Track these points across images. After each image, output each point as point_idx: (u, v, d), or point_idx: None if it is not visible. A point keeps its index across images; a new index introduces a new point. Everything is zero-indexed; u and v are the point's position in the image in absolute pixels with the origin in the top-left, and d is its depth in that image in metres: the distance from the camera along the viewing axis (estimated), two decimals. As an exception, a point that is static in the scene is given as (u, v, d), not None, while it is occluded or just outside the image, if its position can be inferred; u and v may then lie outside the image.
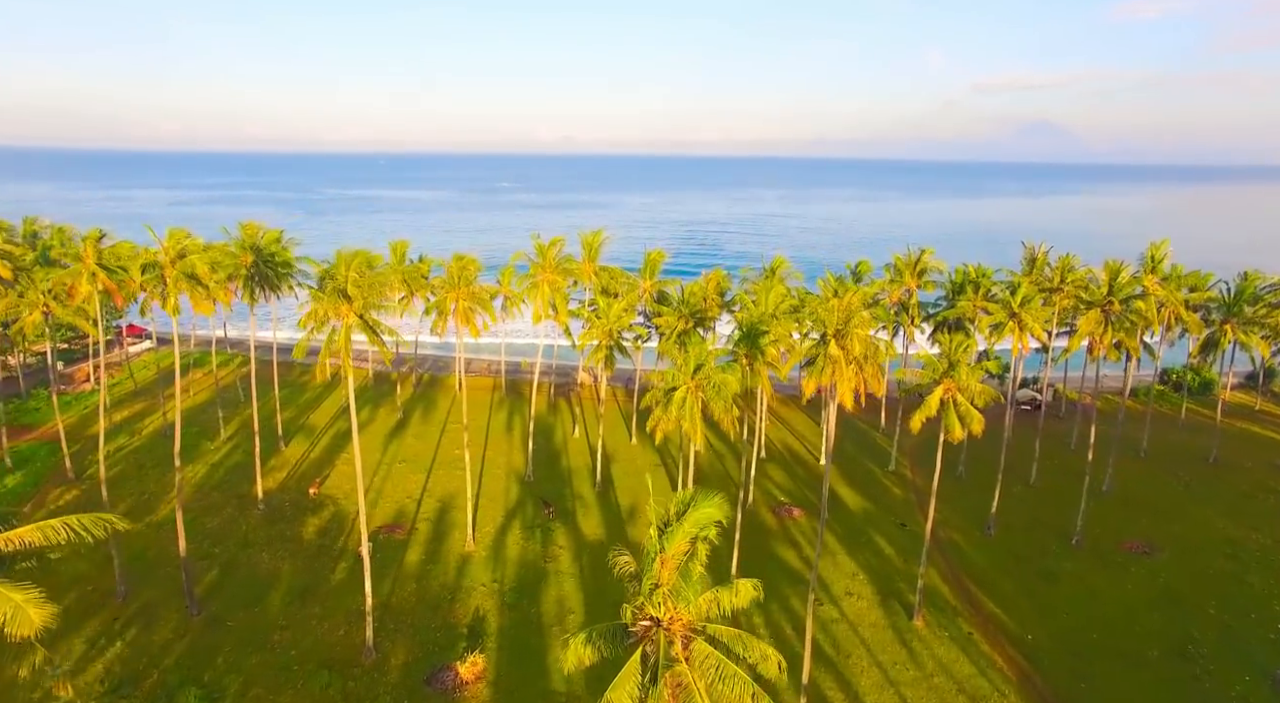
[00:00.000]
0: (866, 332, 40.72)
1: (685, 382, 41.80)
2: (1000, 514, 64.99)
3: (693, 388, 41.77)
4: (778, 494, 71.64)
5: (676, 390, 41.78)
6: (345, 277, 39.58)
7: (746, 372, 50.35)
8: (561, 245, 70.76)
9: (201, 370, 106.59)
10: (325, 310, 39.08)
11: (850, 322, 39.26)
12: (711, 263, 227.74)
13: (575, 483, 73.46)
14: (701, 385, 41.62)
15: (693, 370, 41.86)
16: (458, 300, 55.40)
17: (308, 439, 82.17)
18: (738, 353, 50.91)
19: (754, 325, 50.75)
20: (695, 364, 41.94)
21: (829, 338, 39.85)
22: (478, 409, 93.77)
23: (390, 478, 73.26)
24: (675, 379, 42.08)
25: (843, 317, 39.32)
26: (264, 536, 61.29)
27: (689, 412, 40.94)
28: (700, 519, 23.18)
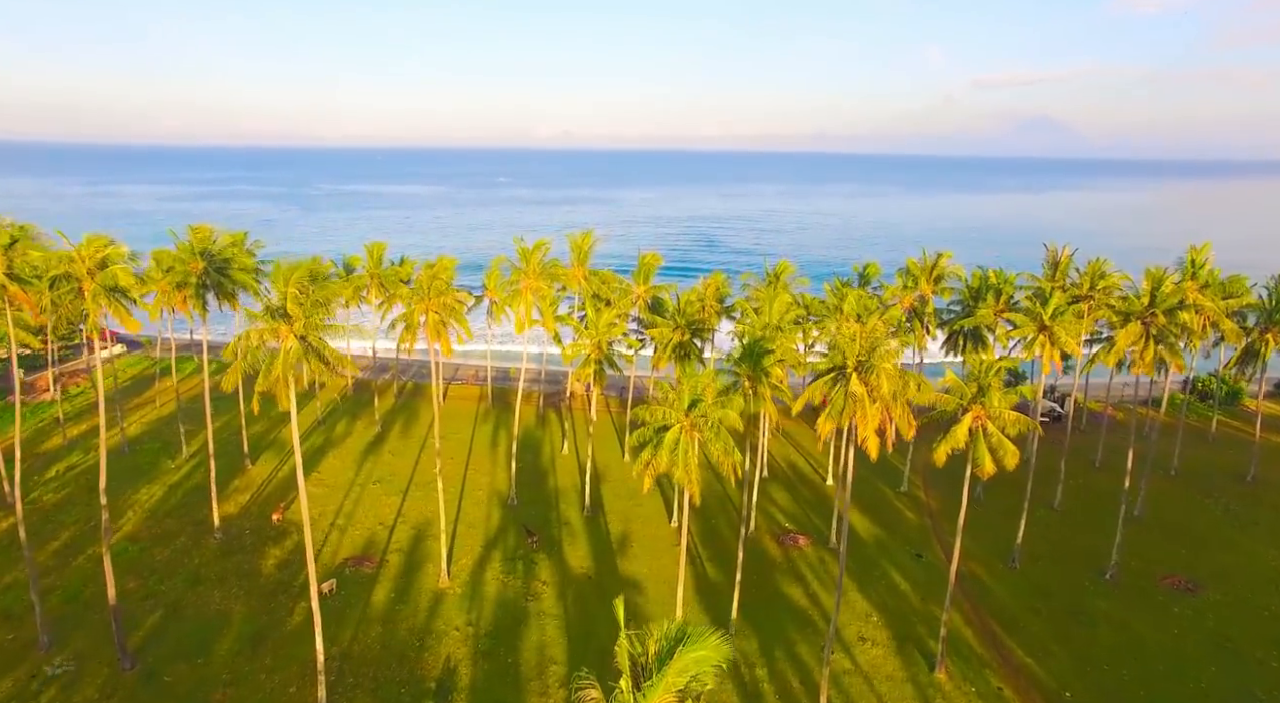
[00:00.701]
0: (894, 364, 34.95)
1: (679, 419, 36.10)
2: (1024, 543, 59.49)
3: (688, 427, 36.07)
4: (781, 519, 66.11)
5: (669, 430, 36.09)
6: (284, 293, 33.90)
7: (749, 395, 44.76)
8: (546, 249, 65.09)
9: (176, 376, 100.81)
10: (260, 335, 33.42)
11: (875, 352, 33.63)
12: (711, 261, 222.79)
13: (562, 506, 67.90)
14: (698, 424, 35.97)
15: (687, 405, 36.15)
16: (427, 312, 49.75)
17: (277, 456, 76.56)
18: (739, 373, 45.29)
19: (757, 343, 45.13)
20: (690, 398, 36.25)
21: (849, 371, 34.22)
22: (461, 421, 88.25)
23: (362, 501, 67.68)
24: (667, 416, 36.38)
25: (866, 346, 33.71)
26: (218, 570, 55.70)
27: (683, 457, 35.27)
28: (690, 666, 17.54)
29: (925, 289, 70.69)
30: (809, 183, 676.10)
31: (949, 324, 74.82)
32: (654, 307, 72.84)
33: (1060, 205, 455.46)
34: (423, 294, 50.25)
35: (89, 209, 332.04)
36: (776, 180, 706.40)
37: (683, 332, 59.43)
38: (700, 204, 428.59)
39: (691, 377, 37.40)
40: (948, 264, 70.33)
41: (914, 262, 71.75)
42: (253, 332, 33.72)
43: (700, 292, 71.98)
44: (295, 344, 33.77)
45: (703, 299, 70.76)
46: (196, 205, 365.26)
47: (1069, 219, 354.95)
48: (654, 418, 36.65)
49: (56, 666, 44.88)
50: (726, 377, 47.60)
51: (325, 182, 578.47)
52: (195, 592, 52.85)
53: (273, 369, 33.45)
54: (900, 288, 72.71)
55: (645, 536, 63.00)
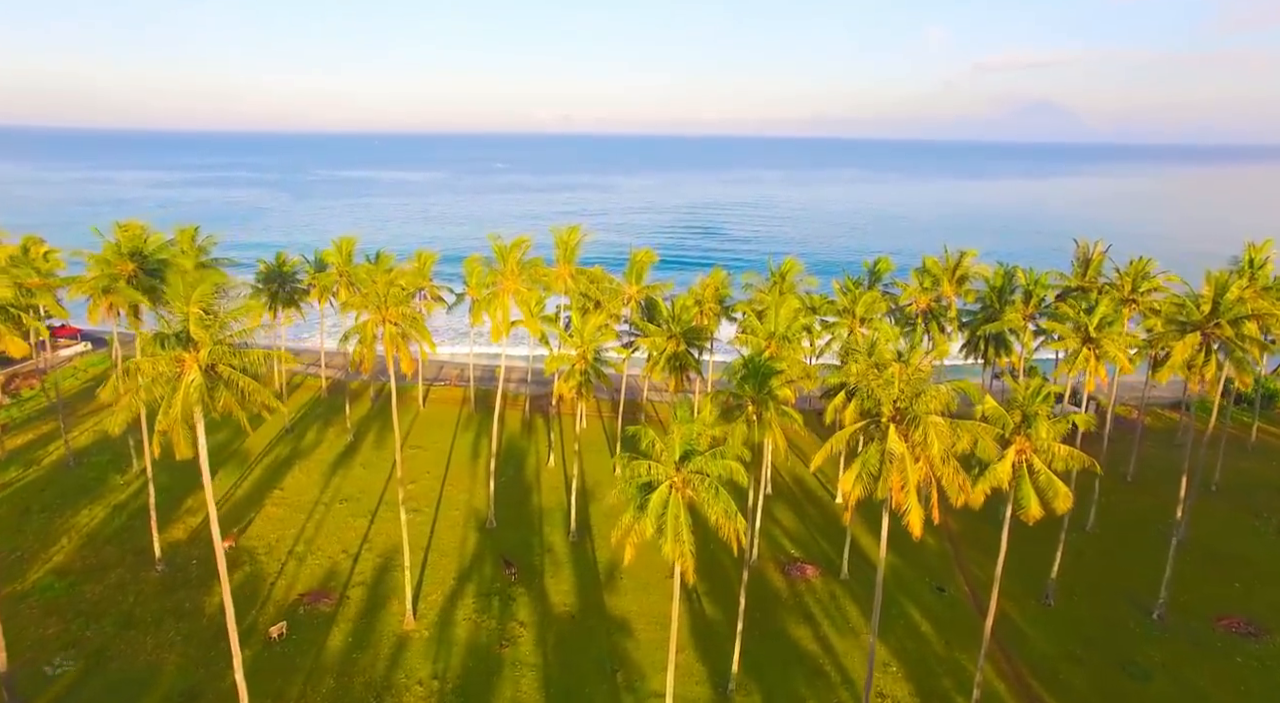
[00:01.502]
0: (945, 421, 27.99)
1: (668, 475, 29.71)
2: (1058, 574, 53.30)
3: (679, 485, 29.71)
4: (787, 545, 59.97)
5: (656, 489, 29.65)
6: (186, 313, 27.51)
7: (754, 422, 38.46)
8: (526, 247, 58.54)
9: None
10: (155, 365, 27.03)
11: (919, 397, 27.24)
12: (711, 250, 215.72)
13: (546, 530, 61.75)
14: (692, 483, 29.64)
15: (678, 458, 29.75)
16: (384, 324, 43.35)
17: (238, 470, 70.34)
18: (741, 397, 38.93)
19: (762, 362, 38.79)
20: (682, 449, 29.86)
21: (884, 423, 27.81)
22: (441, 429, 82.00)
23: (326, 524, 61.51)
24: (654, 472, 29.92)
25: (908, 389, 27.29)
26: (155, 609, 49.59)
27: (672, 523, 28.84)
28: None
29: (948, 291, 64.21)
30: (809, 168, 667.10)
31: (969, 326, 68.49)
32: (647, 308, 66.41)
33: (1065, 192, 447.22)
34: (379, 303, 43.81)
35: (77, 196, 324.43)
36: (777, 166, 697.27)
37: (678, 341, 53.06)
38: (700, 191, 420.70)
39: (684, 423, 30.83)
40: (972, 263, 63.77)
41: (934, 260, 65.15)
42: (144, 361, 27.30)
43: (698, 292, 65.59)
44: (199, 376, 27.36)
45: (700, 301, 64.37)
46: (186, 192, 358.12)
47: (1074, 207, 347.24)
48: (636, 473, 30.17)
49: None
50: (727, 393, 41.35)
51: (321, 167, 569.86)
52: (125, 638, 46.72)
53: (171, 407, 27.05)
54: (918, 288, 66.12)
55: (635, 564, 56.26)
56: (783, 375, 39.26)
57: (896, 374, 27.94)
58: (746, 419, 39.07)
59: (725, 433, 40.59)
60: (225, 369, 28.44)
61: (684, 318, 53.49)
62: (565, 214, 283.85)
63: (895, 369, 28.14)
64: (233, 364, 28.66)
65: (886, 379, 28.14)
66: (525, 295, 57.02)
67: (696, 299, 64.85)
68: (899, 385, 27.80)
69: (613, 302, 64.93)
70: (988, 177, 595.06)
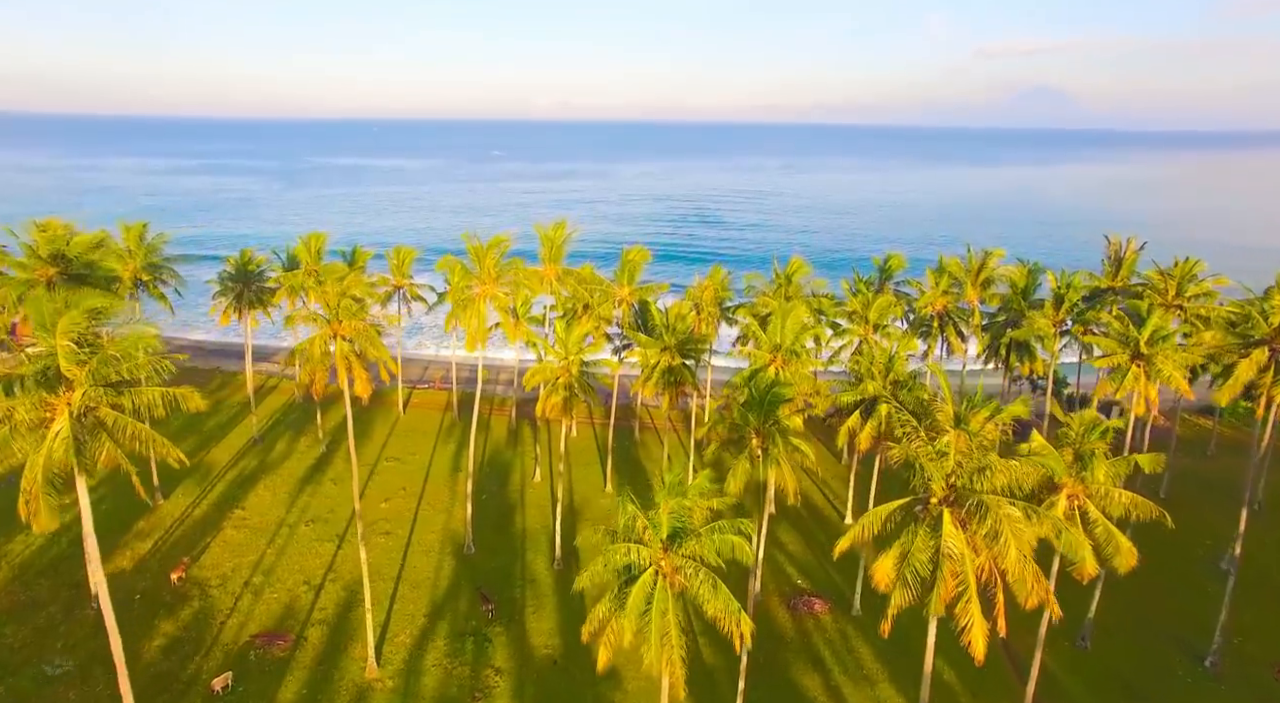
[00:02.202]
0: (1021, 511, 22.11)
1: (654, 558, 24.09)
2: (1095, 612, 48.02)
3: (668, 571, 24.14)
4: (793, 574, 54.74)
5: (639, 577, 23.95)
6: (56, 346, 22.04)
7: (757, 457, 33.08)
8: (505, 247, 52.89)
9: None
10: (17, 413, 21.58)
11: (983, 473, 21.74)
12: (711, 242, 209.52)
13: (529, 556, 56.51)
14: (683, 570, 24.11)
15: (666, 536, 24.17)
16: (335, 339, 37.86)
17: (198, 487, 64.94)
18: (743, 428, 33.55)
19: (767, 390, 33.38)
20: (670, 527, 24.30)
21: (935, 505, 22.33)
22: (421, 438, 76.67)
23: (289, 550, 56.24)
24: (636, 555, 24.28)
25: (970, 461, 21.78)
26: (84, 655, 44.29)
27: (658, 624, 23.19)
28: None
29: (971, 295, 58.66)
30: (811, 155, 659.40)
31: (990, 331, 63.08)
32: (641, 312, 60.87)
33: (1070, 180, 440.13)
34: (331, 315, 38.31)
35: (63, 184, 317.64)
36: (777, 153, 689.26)
37: (672, 353, 47.57)
38: (700, 178, 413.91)
39: (673, 493, 25.15)
40: (997, 264, 58.12)
41: (956, 262, 59.51)
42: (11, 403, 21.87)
43: (696, 294, 60.08)
44: (66, 427, 21.93)
45: (699, 305, 58.88)
46: (175, 180, 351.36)
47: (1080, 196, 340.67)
48: (614, 555, 24.56)
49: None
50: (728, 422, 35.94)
51: (315, 154, 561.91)
52: (45, 694, 41.45)
53: (32, 468, 21.62)
54: (937, 291, 60.48)
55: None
56: (792, 403, 33.93)
57: (953, 445, 22.28)
58: (750, 454, 33.77)
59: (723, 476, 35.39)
60: (109, 414, 22.98)
61: (679, 328, 47.99)
62: (561, 204, 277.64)
63: (952, 438, 22.48)
64: (118, 406, 23.21)
65: (940, 449, 22.53)
66: (504, 301, 51.50)
67: (694, 303, 59.44)
68: (955, 456, 22.22)
69: (603, 305, 59.42)
70: (989, 163, 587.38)
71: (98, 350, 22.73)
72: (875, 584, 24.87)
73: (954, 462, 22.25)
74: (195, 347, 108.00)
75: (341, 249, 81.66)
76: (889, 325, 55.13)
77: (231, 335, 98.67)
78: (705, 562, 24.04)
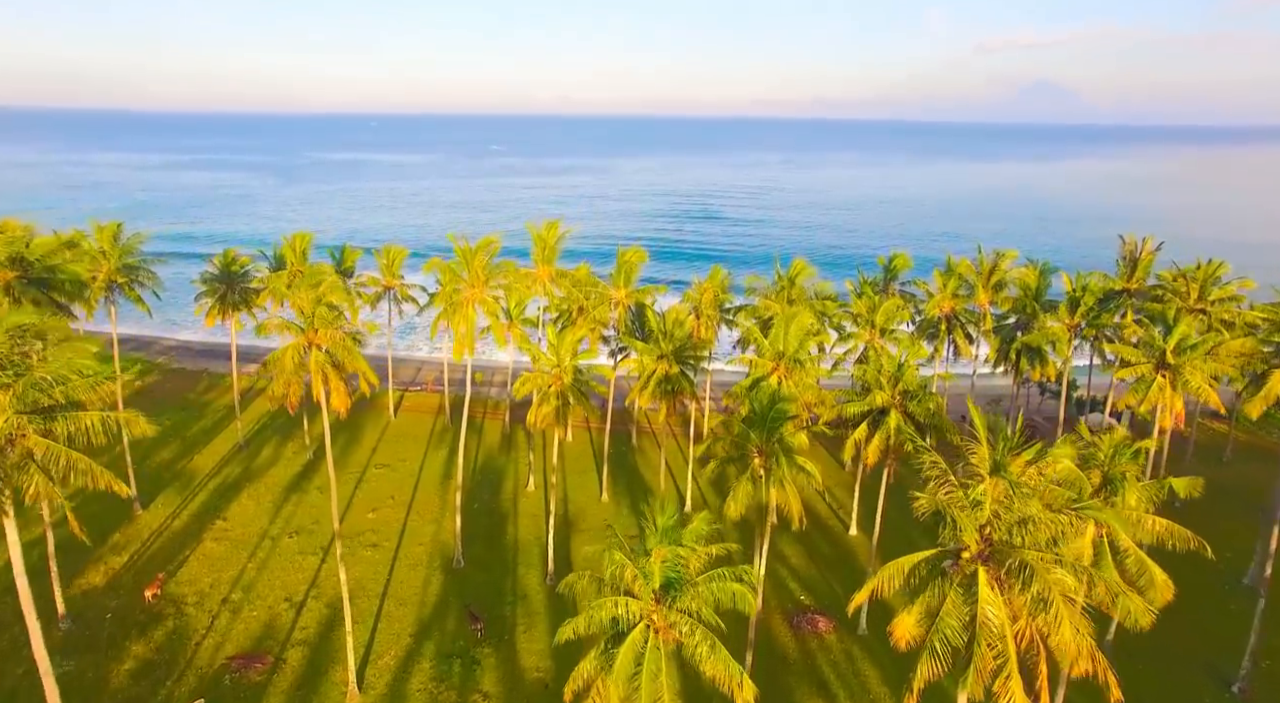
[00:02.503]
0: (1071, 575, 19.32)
1: (645, 612, 21.63)
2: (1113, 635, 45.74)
3: (659, 625, 21.78)
4: (795, 589, 52.49)
5: (628, 635, 21.50)
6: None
7: (759, 478, 30.81)
8: (495, 249, 50.55)
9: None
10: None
11: (1026, 528, 19.27)
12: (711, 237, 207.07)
13: (521, 570, 54.29)
14: (678, 625, 21.78)
15: (658, 586, 21.74)
16: (311, 349, 35.52)
17: (179, 495, 62.72)
18: (745, 447, 31.27)
19: (771, 405, 31.09)
20: (663, 577, 21.85)
21: (969, 563, 19.83)
22: (412, 444, 74.43)
23: (271, 563, 53.99)
24: (624, 609, 21.79)
25: (1009, 512, 19.23)
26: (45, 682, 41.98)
27: (648, 690, 20.79)
28: None
29: (983, 299, 56.29)
30: (811, 150, 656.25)
31: (1000, 334, 60.75)
32: (637, 316, 58.55)
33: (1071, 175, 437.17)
34: (308, 323, 35.99)
35: (55, 180, 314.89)
36: (778, 148, 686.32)
37: (669, 361, 45.23)
38: (700, 173, 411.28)
39: (668, 537, 22.71)
40: (1010, 266, 55.70)
41: (967, 263, 57.14)
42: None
43: (695, 297, 57.77)
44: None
45: (698, 308, 56.58)
46: (170, 175, 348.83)
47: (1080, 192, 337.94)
48: (599, 611, 22.10)
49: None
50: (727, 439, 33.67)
51: (313, 149, 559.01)
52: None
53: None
54: (946, 293, 58.12)
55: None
56: (797, 420, 31.66)
57: (990, 494, 19.65)
58: (752, 475, 31.50)
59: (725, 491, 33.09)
60: (38, 443, 20.68)
61: (677, 334, 45.65)
62: (560, 200, 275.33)
63: (989, 486, 19.88)
64: (50, 433, 20.91)
65: (975, 499, 19.95)
66: (493, 306, 49.14)
67: (693, 306, 57.14)
68: (991, 507, 19.64)
69: (599, 308, 57.10)
70: (989, 159, 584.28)
71: (24, 372, 20.43)
72: (894, 642, 22.48)
73: (990, 512, 19.77)
74: (183, 347, 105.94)
75: (330, 249, 79.37)
76: (896, 330, 52.81)
77: (220, 336, 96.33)
78: (703, 619, 21.64)
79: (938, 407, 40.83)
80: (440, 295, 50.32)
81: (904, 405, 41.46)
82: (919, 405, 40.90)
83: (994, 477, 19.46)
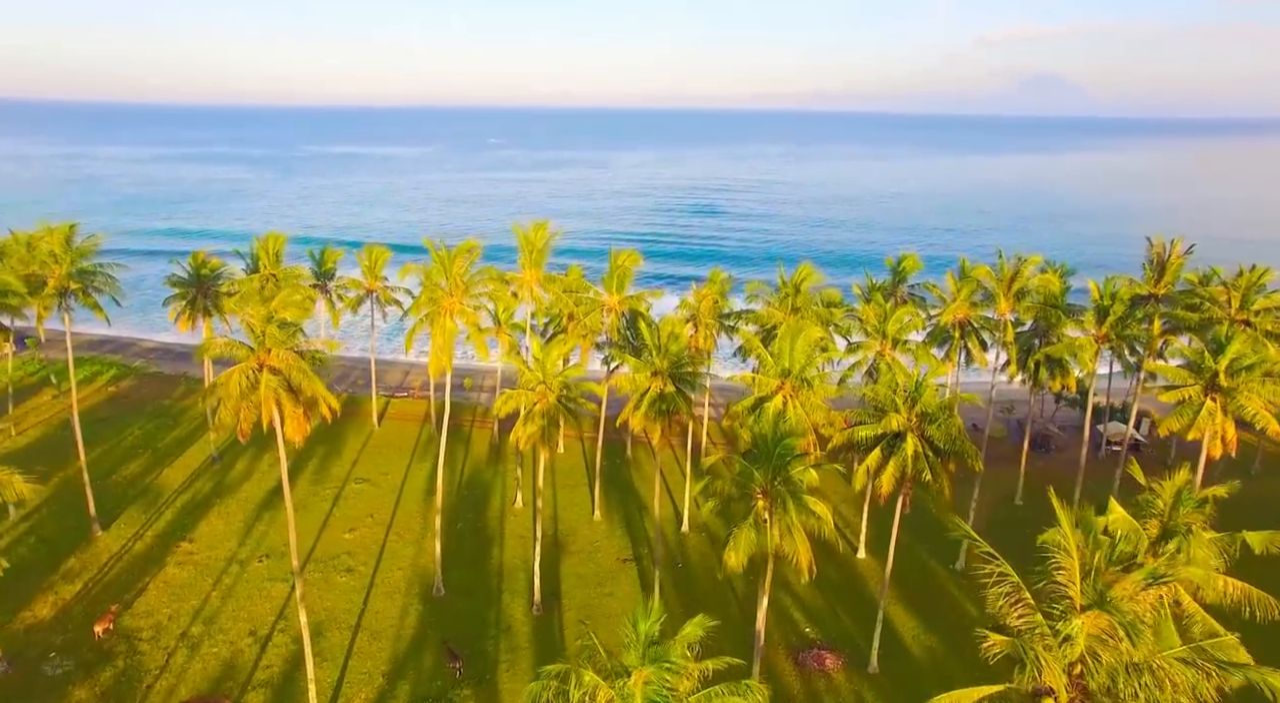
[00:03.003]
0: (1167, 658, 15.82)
1: None
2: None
3: None
4: (800, 622, 48.71)
5: None
6: None
7: (763, 523, 27.03)
8: (476, 254, 46.56)
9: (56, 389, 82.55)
10: None
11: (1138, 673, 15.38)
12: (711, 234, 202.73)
13: (505, 597, 50.53)
14: None
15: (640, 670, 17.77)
16: (261, 372, 31.63)
17: (144, 514, 58.91)
18: (748, 486, 27.47)
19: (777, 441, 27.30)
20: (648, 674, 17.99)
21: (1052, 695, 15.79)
22: (395, 455, 70.66)
23: (238, 590, 50.24)
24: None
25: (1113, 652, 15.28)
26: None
27: None
28: None
29: (1004, 308, 52.28)
30: (812, 143, 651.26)
31: (1018, 341, 56.88)
32: (630, 323, 54.64)
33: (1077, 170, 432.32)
34: (258, 343, 32.08)
35: (50, 175, 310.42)
36: (778, 140, 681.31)
37: (664, 378, 41.37)
38: (700, 166, 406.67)
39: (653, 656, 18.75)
40: (1033, 272, 51.65)
41: (986, 270, 53.01)
42: None
43: (693, 305, 53.92)
44: None
45: (695, 316, 52.74)
46: (164, 169, 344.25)
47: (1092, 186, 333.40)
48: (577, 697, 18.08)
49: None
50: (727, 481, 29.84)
51: (311, 143, 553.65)
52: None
53: None
54: (962, 301, 54.09)
55: (615, 646, 45.72)
56: (808, 458, 27.88)
57: (1084, 630, 15.63)
58: (755, 520, 27.77)
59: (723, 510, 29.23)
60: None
61: (672, 348, 41.78)
62: (555, 197, 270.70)
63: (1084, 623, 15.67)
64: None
65: (1066, 635, 15.89)
66: (473, 317, 45.21)
67: (691, 314, 53.30)
68: (1085, 642, 15.66)
69: (590, 316, 53.19)
70: (996, 152, 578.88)
71: None
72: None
73: (1081, 649, 15.72)
74: (163, 349, 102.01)
75: (310, 250, 75.44)
76: (909, 340, 48.91)
77: (200, 338, 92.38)
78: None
79: (959, 431, 37.02)
80: (416, 304, 46.34)
81: (922, 430, 37.65)
82: (939, 429, 37.08)
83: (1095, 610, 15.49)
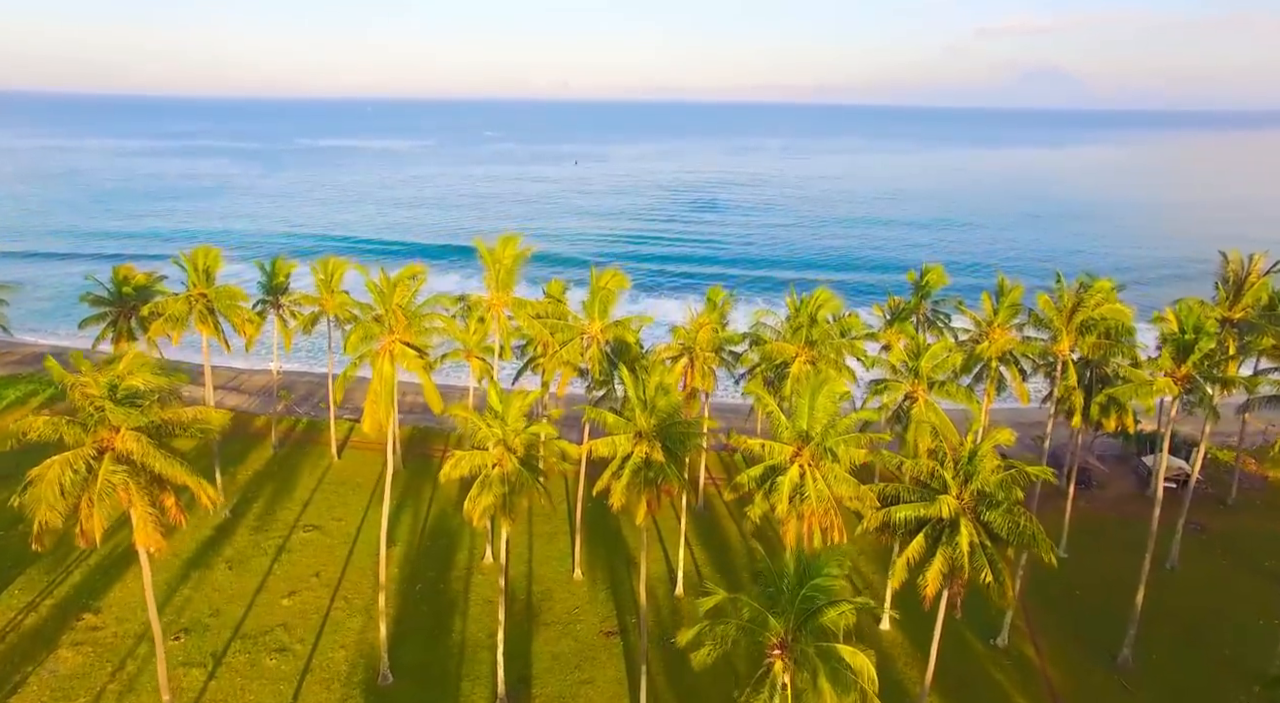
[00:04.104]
0: None
1: None
2: None
3: None
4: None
5: None
6: None
7: (783, 691, 18.84)
8: (421, 281, 38.22)
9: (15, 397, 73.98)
10: None
11: None
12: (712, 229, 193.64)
13: (465, 686, 42.36)
14: None
15: None
16: (102, 455, 23.15)
17: (46, 575, 50.57)
18: (762, 638, 19.31)
19: (802, 579, 19.21)
20: None
21: None
22: (354, 494, 62.50)
23: (139, 684, 41.93)
24: None
25: None
26: None
27: None
28: None
29: (1064, 346, 43.71)
30: (814, 137, 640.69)
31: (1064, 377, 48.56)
32: (616, 354, 46.19)
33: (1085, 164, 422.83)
34: (89, 422, 23.64)
35: (32, 167, 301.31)
36: (779, 133, 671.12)
37: (650, 441, 33.06)
38: (700, 160, 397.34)
39: None
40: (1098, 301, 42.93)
41: (1046, 300, 44.15)
42: None
43: (688, 336, 45.58)
44: None
45: (690, 347, 44.43)
46: (148, 162, 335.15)
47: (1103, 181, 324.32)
48: None
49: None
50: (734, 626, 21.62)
51: (304, 136, 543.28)
52: None
53: None
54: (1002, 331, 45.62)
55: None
56: (843, 606, 19.70)
57: None
58: (771, 684, 19.67)
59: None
60: None
61: (660, 405, 33.43)
62: (550, 195, 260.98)
63: None
64: None
65: None
66: (417, 361, 36.84)
67: (685, 347, 45.01)
68: None
69: (568, 348, 44.83)
70: (1001, 145, 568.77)
71: None
72: None
73: None
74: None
75: (259, 262, 66.90)
76: (949, 382, 40.59)
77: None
78: None
79: (1029, 519, 28.85)
80: (349, 342, 37.91)
81: (978, 514, 29.48)
82: (1000, 515, 28.92)
83: None
